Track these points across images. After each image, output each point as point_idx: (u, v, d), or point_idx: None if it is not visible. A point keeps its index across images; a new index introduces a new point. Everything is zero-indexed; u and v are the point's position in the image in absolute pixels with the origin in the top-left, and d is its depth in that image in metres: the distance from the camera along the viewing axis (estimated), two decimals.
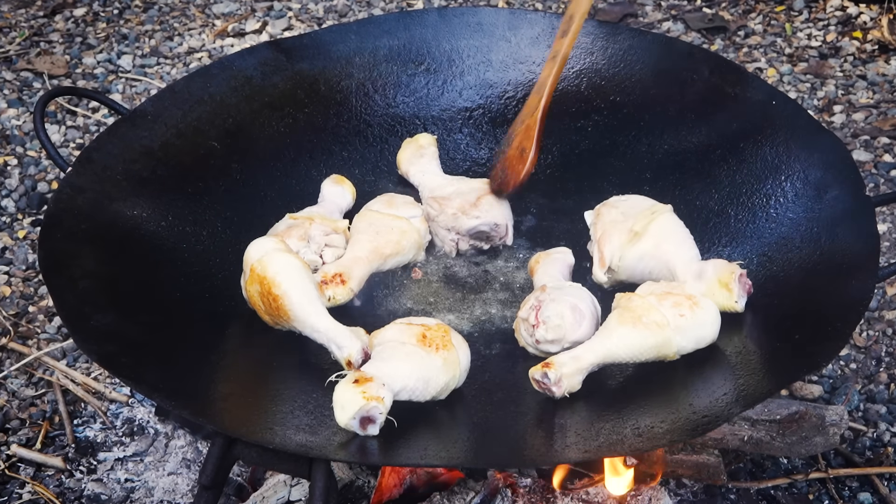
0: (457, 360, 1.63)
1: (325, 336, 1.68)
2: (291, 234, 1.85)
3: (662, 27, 3.23)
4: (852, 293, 1.68)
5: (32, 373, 2.33)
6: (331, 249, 1.87)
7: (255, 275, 1.72)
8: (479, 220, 1.93)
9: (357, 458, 1.57)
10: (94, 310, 1.69)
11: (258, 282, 1.71)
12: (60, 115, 2.99)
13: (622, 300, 1.70)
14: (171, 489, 2.07)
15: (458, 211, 1.93)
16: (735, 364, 1.68)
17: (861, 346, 2.36)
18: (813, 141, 1.92)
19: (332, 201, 1.99)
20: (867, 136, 2.84)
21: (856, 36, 3.15)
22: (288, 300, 1.70)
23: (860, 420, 2.21)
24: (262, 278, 1.71)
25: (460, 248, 1.96)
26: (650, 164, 2.06)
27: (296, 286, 1.70)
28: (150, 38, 3.26)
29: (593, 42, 2.16)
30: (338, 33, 2.19)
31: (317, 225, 1.87)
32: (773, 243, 1.86)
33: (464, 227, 1.93)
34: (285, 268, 1.71)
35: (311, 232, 1.86)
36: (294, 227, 1.87)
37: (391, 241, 1.87)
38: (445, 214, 1.94)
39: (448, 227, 1.94)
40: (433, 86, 2.19)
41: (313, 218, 1.89)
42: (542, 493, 1.85)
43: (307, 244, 1.85)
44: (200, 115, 2.03)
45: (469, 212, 1.93)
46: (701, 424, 1.55)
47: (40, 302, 2.49)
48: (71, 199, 1.84)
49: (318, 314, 1.70)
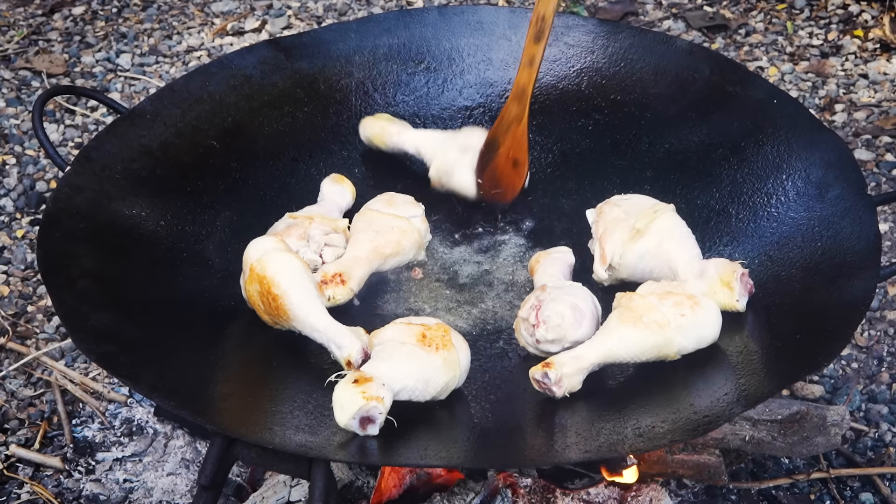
0: (457, 359, 1.62)
1: (324, 336, 1.68)
2: (291, 233, 1.84)
3: (663, 25, 3.23)
4: (854, 293, 1.68)
5: (31, 373, 2.33)
6: (330, 249, 1.85)
7: (254, 274, 1.71)
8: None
9: (357, 458, 1.57)
10: (92, 309, 1.68)
11: (258, 281, 1.71)
12: (59, 113, 2.99)
13: (623, 300, 1.70)
14: (170, 489, 2.07)
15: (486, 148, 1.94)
16: (736, 364, 1.67)
17: (863, 345, 2.35)
18: (814, 140, 1.92)
19: (332, 200, 1.98)
20: (869, 135, 2.84)
21: (857, 34, 3.14)
22: (287, 300, 1.69)
23: (862, 420, 2.20)
24: (261, 277, 1.70)
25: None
26: (651, 163, 2.05)
27: (295, 286, 1.70)
28: (149, 36, 3.26)
29: (594, 41, 2.16)
30: (337, 32, 2.19)
31: (316, 224, 1.86)
32: (775, 242, 1.85)
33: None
34: (285, 267, 1.70)
35: (310, 231, 1.85)
36: (294, 227, 1.86)
37: (391, 241, 1.86)
38: (474, 151, 1.93)
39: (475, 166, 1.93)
40: (433, 84, 2.18)
41: (313, 217, 1.88)
42: (543, 493, 1.85)
43: (307, 243, 1.84)
44: (199, 114, 2.03)
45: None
46: (702, 424, 1.55)
47: (39, 301, 2.49)
48: (69, 198, 1.84)
49: (317, 314, 1.69)
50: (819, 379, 2.25)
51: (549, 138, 2.12)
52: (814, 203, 1.85)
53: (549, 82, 2.16)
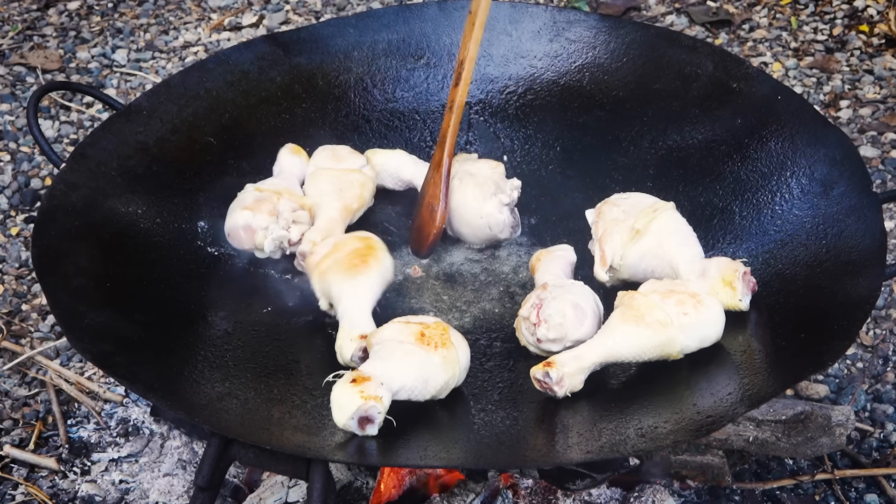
0: (456, 358, 1.62)
1: (351, 307, 1.72)
2: (261, 208, 1.89)
3: (666, 21, 3.22)
4: (859, 291, 1.68)
5: (26, 372, 2.32)
6: (297, 226, 1.91)
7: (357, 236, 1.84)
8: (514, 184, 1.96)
9: (355, 458, 1.56)
10: (88, 308, 1.69)
11: (360, 239, 1.82)
12: (54, 110, 2.98)
13: (625, 298, 1.70)
14: (167, 491, 2.07)
15: (496, 174, 1.93)
16: (740, 363, 1.68)
17: (868, 344, 2.35)
18: (819, 136, 1.92)
19: (291, 172, 2.01)
20: (874, 132, 2.83)
21: (862, 30, 3.13)
22: (375, 258, 1.79)
23: (867, 420, 2.20)
24: (366, 238, 1.83)
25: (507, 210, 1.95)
26: (653, 161, 2.06)
27: (385, 259, 1.81)
28: (146, 31, 3.25)
29: (595, 36, 2.16)
30: (336, 27, 2.19)
31: (285, 200, 1.91)
32: (779, 240, 1.86)
33: (514, 183, 1.95)
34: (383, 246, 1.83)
35: (279, 207, 1.90)
36: (263, 202, 1.90)
37: (356, 196, 1.95)
38: (488, 179, 1.92)
39: (494, 191, 1.92)
40: (433, 80, 2.18)
41: (281, 193, 1.92)
42: (544, 494, 1.85)
43: (276, 220, 1.89)
44: (196, 111, 2.03)
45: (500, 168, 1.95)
46: (705, 425, 1.55)
47: (34, 300, 2.48)
48: (65, 195, 1.84)
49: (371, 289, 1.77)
50: (824, 378, 2.25)
51: (551, 135, 2.12)
52: (818, 200, 1.85)
53: (550, 78, 2.16)
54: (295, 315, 1.83)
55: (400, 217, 2.02)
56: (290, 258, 1.91)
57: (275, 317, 1.83)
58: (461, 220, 1.93)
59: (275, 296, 1.86)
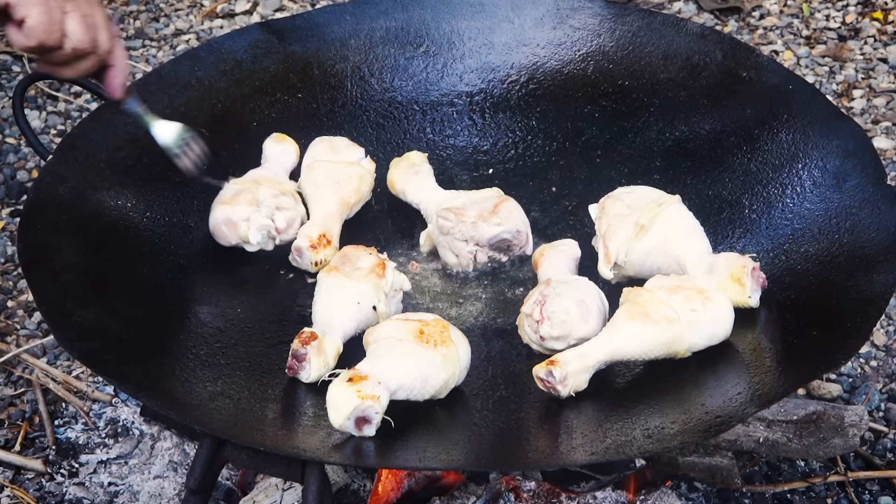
0: (456, 357, 1.61)
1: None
2: (239, 200, 1.88)
3: (673, 7, 3.23)
4: (873, 287, 1.67)
5: (11, 371, 2.32)
6: (282, 212, 1.89)
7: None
8: (502, 227, 1.88)
9: (352, 460, 1.56)
10: (76, 305, 1.68)
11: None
12: (41, 100, 2.98)
13: (630, 294, 1.69)
14: (157, 493, 2.07)
15: (477, 219, 1.87)
16: (749, 362, 1.67)
17: (881, 343, 2.35)
18: (831, 127, 1.91)
19: (277, 161, 2.00)
20: (888, 123, 2.84)
21: (876, 17, 3.15)
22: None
23: (881, 420, 2.20)
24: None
25: (478, 261, 1.90)
26: (660, 152, 2.05)
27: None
28: (135, 19, 3.26)
29: (601, 23, 2.15)
30: (332, 14, 2.18)
31: (265, 188, 1.89)
32: (790, 235, 1.84)
33: (485, 235, 1.87)
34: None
35: (259, 196, 1.88)
36: (241, 193, 1.89)
37: (353, 190, 1.95)
38: (464, 224, 1.88)
39: (467, 237, 1.88)
40: (432, 69, 2.17)
41: (260, 181, 1.91)
42: (547, 497, 1.84)
43: (257, 209, 1.87)
44: (188, 100, 2.03)
45: (489, 219, 1.87)
46: (714, 425, 1.54)
47: (20, 296, 2.48)
48: (52, 188, 1.84)
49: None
50: (836, 377, 2.25)
51: (554, 126, 2.11)
52: (831, 194, 1.84)
53: (553, 67, 2.16)
54: (289, 312, 1.82)
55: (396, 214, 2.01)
56: (284, 251, 1.89)
57: (268, 314, 1.82)
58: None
59: (268, 292, 1.86)
